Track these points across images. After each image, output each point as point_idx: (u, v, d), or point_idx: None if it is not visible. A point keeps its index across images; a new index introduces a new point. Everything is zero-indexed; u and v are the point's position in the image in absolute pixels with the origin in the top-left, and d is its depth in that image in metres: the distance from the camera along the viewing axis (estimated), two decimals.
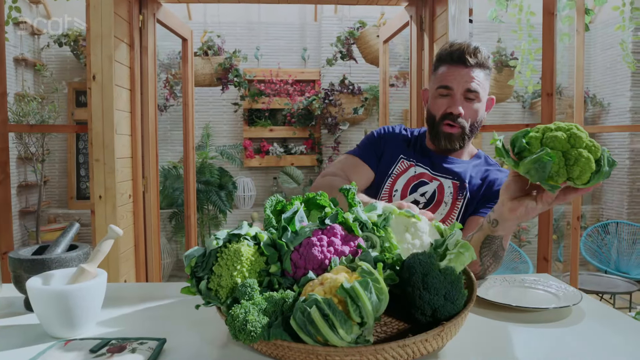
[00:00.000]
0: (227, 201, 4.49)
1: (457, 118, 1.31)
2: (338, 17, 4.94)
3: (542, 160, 0.82)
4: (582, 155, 0.81)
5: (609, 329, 0.87)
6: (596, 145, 0.83)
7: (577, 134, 0.83)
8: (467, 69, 1.30)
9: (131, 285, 1.17)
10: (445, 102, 1.33)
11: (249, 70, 4.81)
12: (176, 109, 4.69)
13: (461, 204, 1.34)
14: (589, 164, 0.81)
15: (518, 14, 2.77)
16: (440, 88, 1.33)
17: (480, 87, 1.31)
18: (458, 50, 1.31)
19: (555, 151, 0.82)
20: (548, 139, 0.84)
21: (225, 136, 5.04)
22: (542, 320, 0.90)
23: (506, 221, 0.97)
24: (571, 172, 0.82)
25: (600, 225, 4.41)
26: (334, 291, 0.71)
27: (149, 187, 2.51)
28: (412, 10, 2.59)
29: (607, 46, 4.65)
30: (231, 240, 0.83)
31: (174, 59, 4.60)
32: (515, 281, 1.07)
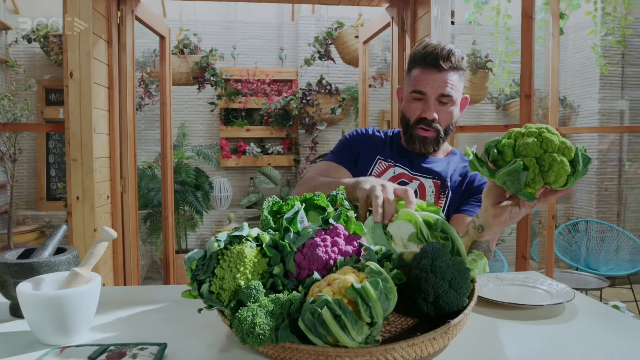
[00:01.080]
0: (204, 202, 4.42)
1: (432, 123, 1.32)
2: (315, 18, 4.94)
3: (516, 172, 0.82)
4: (556, 159, 0.81)
5: (603, 325, 0.89)
6: (568, 145, 0.83)
7: (549, 137, 0.82)
8: (441, 73, 1.29)
9: (121, 289, 1.14)
10: (420, 106, 1.33)
11: (226, 69, 4.76)
12: (151, 108, 4.60)
13: (444, 203, 1.35)
14: (563, 167, 0.81)
15: (495, 17, 2.82)
16: (414, 92, 1.33)
17: (454, 91, 1.31)
18: (432, 54, 1.29)
19: (529, 158, 0.82)
20: (520, 146, 0.83)
21: (201, 136, 4.98)
22: (537, 317, 0.91)
23: (491, 227, 0.96)
24: (547, 178, 0.82)
25: (570, 223, 4.53)
26: (344, 291, 0.70)
27: (127, 187, 2.45)
28: (394, 12, 2.60)
29: (577, 50, 4.79)
30: (232, 242, 0.82)
31: (149, 57, 4.51)
32: (507, 279, 1.09)
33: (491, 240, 1.05)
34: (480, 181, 1.37)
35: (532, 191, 0.84)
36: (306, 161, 4.92)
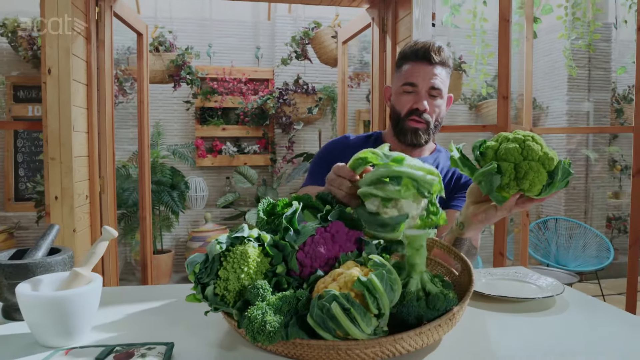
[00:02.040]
0: (180, 201, 4.37)
1: (423, 114, 1.35)
2: (292, 17, 4.94)
3: (490, 174, 0.84)
4: (533, 168, 0.83)
5: (593, 317, 0.93)
6: (550, 156, 0.84)
7: (531, 146, 0.84)
8: (431, 66, 1.33)
9: (119, 289, 1.12)
10: (411, 98, 1.35)
11: (201, 67, 4.71)
12: (125, 107, 4.51)
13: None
14: (538, 176, 0.83)
15: (472, 19, 2.89)
16: (405, 85, 1.36)
17: (443, 85, 1.36)
18: (423, 48, 1.34)
19: (507, 163, 0.84)
20: (502, 150, 0.85)
21: (176, 135, 4.91)
22: (529, 310, 0.95)
23: (470, 224, 0.99)
24: (521, 185, 0.84)
25: (540, 221, 4.67)
26: (350, 285, 0.71)
27: (105, 187, 2.40)
28: (374, 13, 2.63)
29: (546, 52, 4.93)
30: (234, 243, 0.82)
31: (123, 54, 4.43)
32: (498, 274, 1.12)
33: (473, 238, 1.07)
34: (467, 177, 1.39)
35: (506, 195, 0.87)
36: (283, 160, 4.92)
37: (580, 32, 3.14)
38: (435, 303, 0.74)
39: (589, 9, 3.01)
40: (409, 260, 0.79)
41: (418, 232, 0.79)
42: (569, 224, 4.65)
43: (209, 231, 4.42)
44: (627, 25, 3.45)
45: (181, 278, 4.56)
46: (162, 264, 4.33)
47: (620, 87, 5.22)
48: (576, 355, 0.76)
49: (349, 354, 0.69)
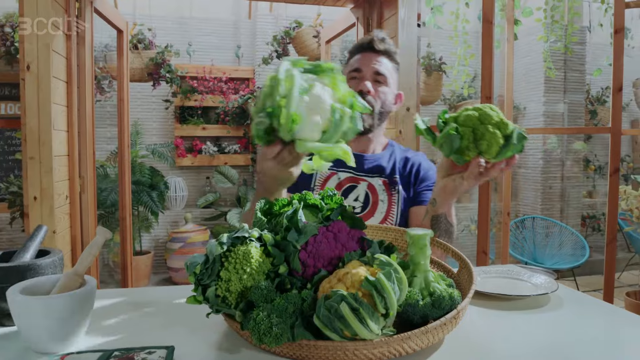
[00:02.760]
0: (159, 202, 4.30)
1: (366, 96, 1.33)
2: (273, 16, 4.91)
3: (449, 135, 0.92)
4: (489, 130, 0.90)
5: (589, 314, 0.94)
6: (505, 122, 0.92)
7: (488, 112, 0.92)
8: (376, 54, 1.37)
9: (112, 291, 1.09)
10: (355, 84, 1.36)
11: (181, 66, 4.64)
12: (102, 105, 4.42)
13: (397, 199, 1.37)
14: (495, 137, 0.90)
15: (455, 21, 2.92)
16: (351, 72, 1.38)
17: (389, 73, 1.38)
18: (367, 39, 1.39)
19: (466, 128, 0.91)
20: (462, 117, 0.93)
21: (155, 134, 4.83)
22: (524, 308, 0.96)
23: (442, 199, 1.06)
24: (479, 147, 0.92)
25: (518, 220, 4.75)
26: (357, 285, 0.71)
27: (85, 187, 2.34)
28: (359, 12, 2.64)
29: (524, 54, 5.02)
30: (235, 243, 0.80)
31: (100, 51, 4.33)
32: (492, 272, 1.13)
33: (447, 212, 1.11)
34: (425, 169, 1.41)
35: (466, 158, 0.95)
36: None
37: (558, 34, 3.21)
38: (441, 302, 0.74)
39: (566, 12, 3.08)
40: (413, 260, 0.79)
41: (422, 232, 0.79)
42: (545, 222, 4.75)
43: (189, 232, 4.36)
44: (603, 29, 3.54)
45: (160, 280, 4.49)
46: (141, 266, 4.25)
47: (594, 89, 5.36)
48: (573, 351, 0.77)
49: (356, 354, 0.68)
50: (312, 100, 0.86)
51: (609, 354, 0.77)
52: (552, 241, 4.61)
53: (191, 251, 4.26)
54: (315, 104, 0.86)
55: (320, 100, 0.86)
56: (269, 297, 0.74)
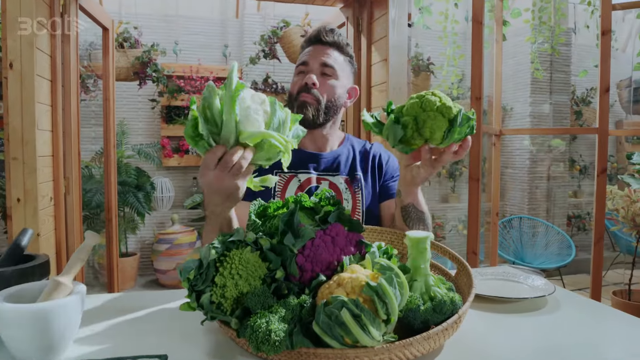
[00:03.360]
0: (145, 203, 4.23)
1: (311, 89, 1.28)
2: (261, 15, 4.88)
3: (391, 126, 0.92)
4: (430, 117, 0.90)
5: (587, 316, 0.93)
6: (448, 106, 0.91)
7: (429, 99, 0.91)
8: (323, 46, 1.32)
9: (102, 296, 1.05)
10: (302, 77, 1.31)
11: (168, 65, 4.58)
12: (87, 104, 4.34)
13: (361, 196, 1.33)
14: (436, 123, 0.90)
15: (444, 21, 2.92)
16: (298, 66, 1.33)
17: (337, 65, 1.32)
18: (316, 31, 1.35)
19: (409, 117, 0.91)
20: (406, 107, 0.93)
21: (141, 134, 4.76)
22: (522, 310, 0.95)
23: (405, 189, 1.07)
24: (423, 134, 0.91)
25: (505, 220, 4.78)
26: (358, 291, 0.69)
27: (70, 188, 2.29)
28: (349, 12, 2.62)
29: (511, 55, 5.06)
30: (229, 248, 0.78)
31: (84, 50, 4.25)
32: (487, 274, 1.12)
33: (415, 202, 1.11)
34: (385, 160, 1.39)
35: (413, 147, 0.95)
36: None
37: (546, 36, 3.23)
38: (442, 307, 0.73)
39: (553, 13, 3.10)
40: (413, 263, 0.78)
41: (421, 234, 0.78)
42: (532, 222, 4.78)
43: (176, 233, 4.31)
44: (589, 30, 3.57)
45: (147, 282, 4.43)
46: (127, 268, 4.18)
47: (579, 90, 5.42)
48: (572, 354, 0.76)
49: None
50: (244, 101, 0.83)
51: (609, 357, 0.77)
52: (538, 241, 4.64)
53: (178, 253, 4.21)
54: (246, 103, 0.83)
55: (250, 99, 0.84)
56: (266, 303, 0.72)
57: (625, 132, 4.68)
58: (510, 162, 5.25)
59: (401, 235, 1.02)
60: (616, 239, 4.88)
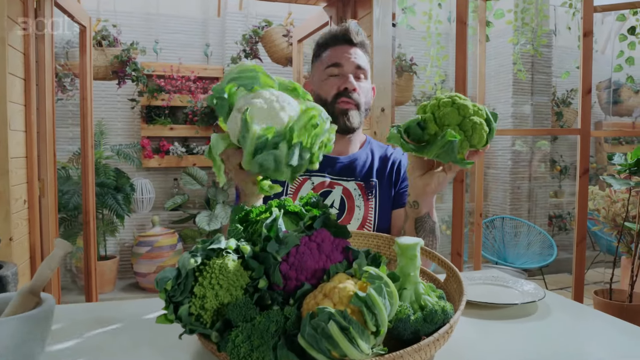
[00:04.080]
0: (125, 204, 4.15)
1: (352, 94, 1.26)
2: (243, 14, 4.82)
3: (449, 142, 0.86)
4: (476, 122, 0.87)
5: (578, 322, 0.92)
6: (480, 107, 0.89)
7: (463, 103, 0.88)
8: (354, 47, 1.29)
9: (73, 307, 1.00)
10: (337, 80, 1.27)
11: (148, 64, 4.49)
12: (64, 104, 4.23)
13: (374, 204, 1.29)
14: (483, 128, 0.88)
15: (428, 21, 2.91)
16: (330, 67, 1.27)
17: (367, 66, 1.31)
18: (342, 31, 1.30)
19: (452, 126, 0.87)
20: (441, 117, 0.88)
21: (120, 134, 4.66)
22: (512, 316, 0.92)
23: (424, 199, 1.01)
24: (472, 141, 0.88)
25: (488, 220, 4.81)
26: (346, 301, 0.65)
27: (45, 190, 2.21)
28: (332, 11, 2.59)
29: (493, 56, 5.08)
30: (209, 256, 0.74)
31: (61, 48, 4.14)
32: (476, 278, 1.10)
33: (429, 211, 1.06)
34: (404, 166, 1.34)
35: (462, 156, 0.90)
36: None
37: (528, 37, 3.25)
38: (433, 317, 0.70)
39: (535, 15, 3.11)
40: (403, 271, 0.74)
41: (411, 241, 0.75)
42: (514, 222, 4.81)
43: (157, 235, 4.22)
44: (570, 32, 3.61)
45: (126, 285, 4.34)
46: (106, 271, 4.09)
47: (560, 91, 5.48)
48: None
49: None
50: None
51: None
52: (521, 241, 4.68)
53: (159, 255, 4.13)
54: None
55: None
56: (248, 315, 0.68)
57: (608, 132, 4.74)
58: (492, 162, 5.28)
59: (388, 239, 0.99)
60: (596, 238, 4.94)
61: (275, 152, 0.79)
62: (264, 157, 0.79)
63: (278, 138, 0.79)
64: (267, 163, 0.79)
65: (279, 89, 0.91)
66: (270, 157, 0.79)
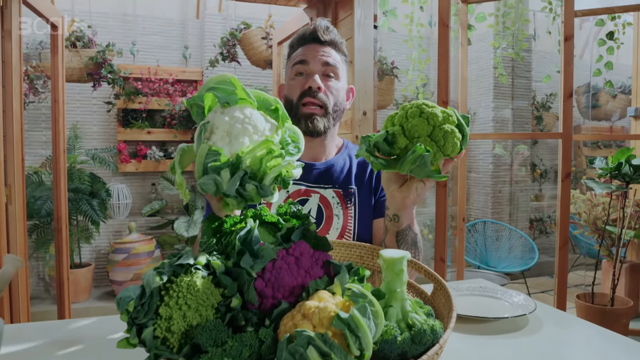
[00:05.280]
0: (100, 210, 4.02)
1: (317, 94, 1.18)
2: (222, 16, 4.74)
3: (421, 157, 0.81)
4: (447, 131, 0.82)
5: (571, 336, 0.87)
6: (449, 113, 0.84)
7: (432, 112, 0.82)
8: (322, 45, 1.21)
9: (22, 327, 0.92)
10: (302, 80, 1.20)
11: (124, 66, 4.38)
12: (36, 107, 4.10)
13: (353, 211, 1.22)
14: (455, 135, 0.82)
15: (409, 24, 2.88)
16: (296, 65, 1.21)
17: (339, 65, 1.23)
18: (310, 29, 1.23)
19: (422, 138, 0.82)
20: (410, 130, 0.82)
21: (96, 138, 4.54)
22: (502, 331, 0.88)
23: (404, 211, 0.95)
24: (445, 150, 0.83)
25: (469, 224, 4.80)
26: (327, 323, 0.60)
27: (13, 197, 2.11)
28: (312, 13, 2.54)
29: (474, 60, 5.10)
30: (177, 272, 0.67)
31: (34, 49, 4.01)
32: (463, 289, 1.05)
33: (410, 223, 1.00)
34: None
35: (435, 168, 0.84)
36: None
37: (509, 41, 3.24)
38: (422, 337, 0.64)
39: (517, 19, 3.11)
40: (389, 287, 0.69)
41: (398, 254, 0.69)
42: (495, 226, 4.82)
43: (134, 242, 4.11)
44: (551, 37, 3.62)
45: (102, 293, 4.21)
46: (80, 279, 3.96)
47: (539, 96, 5.52)
48: None
49: None
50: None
51: None
52: (502, 245, 4.68)
53: (135, 262, 4.02)
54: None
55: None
56: (219, 338, 0.62)
57: (589, 136, 4.78)
58: (474, 166, 5.29)
59: (372, 249, 0.93)
60: (576, 241, 4.97)
61: (216, 177, 0.74)
62: (206, 180, 0.74)
63: (223, 164, 0.73)
64: (207, 187, 0.74)
65: (259, 106, 0.85)
66: (210, 181, 0.74)
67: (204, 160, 0.75)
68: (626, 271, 3.21)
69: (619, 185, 2.72)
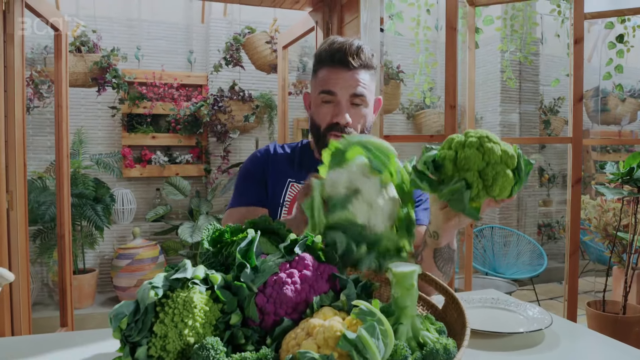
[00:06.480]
0: (104, 216, 4.00)
1: (345, 128, 1.17)
2: (227, 20, 4.73)
3: (459, 191, 0.76)
4: (500, 173, 0.76)
5: (588, 351, 0.83)
6: (510, 154, 0.78)
7: (490, 147, 0.77)
8: (351, 71, 1.17)
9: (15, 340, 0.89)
10: (330, 109, 1.19)
11: (129, 71, 4.37)
12: (41, 112, 4.09)
13: None
14: (507, 179, 0.77)
15: (416, 27, 2.84)
16: (322, 93, 1.19)
17: (367, 90, 1.20)
18: (339, 51, 1.17)
19: (471, 172, 0.76)
20: (461, 160, 0.77)
21: (100, 143, 4.52)
22: (516, 347, 0.83)
23: (445, 231, 0.92)
24: (491, 192, 0.77)
25: (477, 230, 4.74)
26: (332, 343, 0.56)
27: (14, 203, 2.08)
28: (318, 16, 2.51)
29: (481, 64, 5.05)
30: (173, 287, 0.64)
31: (39, 54, 4.01)
32: (475, 301, 1.01)
33: (450, 242, 0.98)
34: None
35: (476, 205, 0.79)
36: (218, 171, 4.67)
37: (517, 44, 3.20)
38: (434, 357, 0.60)
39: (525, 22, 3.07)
40: (398, 303, 0.65)
41: (408, 268, 0.65)
42: (503, 232, 4.75)
43: (138, 247, 4.08)
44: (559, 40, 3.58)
45: (106, 299, 4.18)
46: (84, 285, 3.93)
47: (547, 100, 5.46)
48: None
49: None
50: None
51: None
52: (510, 250, 4.62)
53: (139, 268, 3.99)
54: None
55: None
56: (218, 358, 0.58)
57: (599, 141, 4.72)
58: None
59: None
60: (585, 247, 4.90)
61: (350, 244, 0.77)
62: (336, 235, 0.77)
63: (364, 239, 0.78)
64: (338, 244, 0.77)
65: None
66: (342, 238, 0.77)
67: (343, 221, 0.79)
68: (638, 278, 3.15)
69: (631, 191, 2.66)
